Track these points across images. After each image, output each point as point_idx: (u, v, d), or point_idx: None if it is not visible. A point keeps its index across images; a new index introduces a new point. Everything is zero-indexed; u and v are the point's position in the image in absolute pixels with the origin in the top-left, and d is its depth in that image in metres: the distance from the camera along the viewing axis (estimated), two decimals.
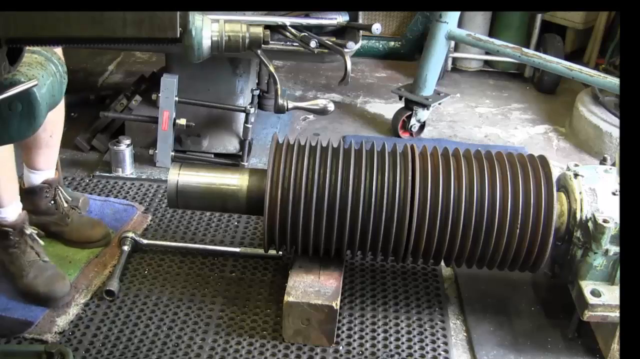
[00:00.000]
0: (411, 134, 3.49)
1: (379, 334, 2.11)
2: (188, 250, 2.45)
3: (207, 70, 2.89)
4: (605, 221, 1.91)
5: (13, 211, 2.12)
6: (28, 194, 2.31)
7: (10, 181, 2.10)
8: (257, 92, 3.03)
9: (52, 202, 2.37)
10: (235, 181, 2.09)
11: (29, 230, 2.17)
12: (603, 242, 1.92)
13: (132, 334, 2.06)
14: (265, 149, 3.11)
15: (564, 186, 2.12)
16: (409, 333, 2.13)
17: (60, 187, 2.40)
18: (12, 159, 2.07)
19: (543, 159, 2.08)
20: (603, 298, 1.94)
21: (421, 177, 2.00)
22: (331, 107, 2.41)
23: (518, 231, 1.98)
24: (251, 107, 2.88)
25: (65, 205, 2.41)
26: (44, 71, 1.23)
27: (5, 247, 2.14)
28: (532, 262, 2.05)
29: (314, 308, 2.00)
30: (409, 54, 4.53)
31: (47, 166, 2.34)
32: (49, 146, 2.30)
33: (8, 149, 2.03)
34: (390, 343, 2.08)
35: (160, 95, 2.83)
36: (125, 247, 2.38)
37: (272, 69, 2.00)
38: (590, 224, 1.95)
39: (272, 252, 2.26)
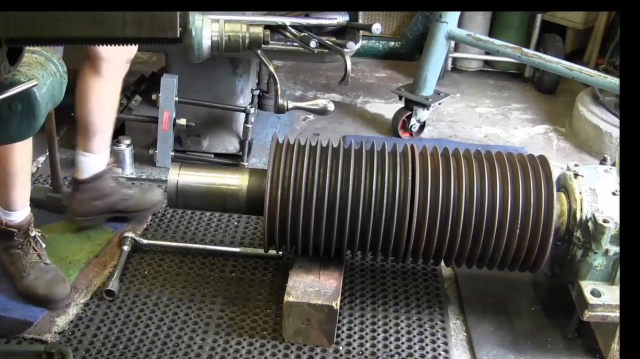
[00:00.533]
0: (411, 134, 3.49)
1: (379, 334, 2.11)
2: (188, 250, 2.45)
3: (207, 70, 2.89)
4: (605, 221, 1.91)
5: (22, 214, 2.14)
6: (91, 181, 2.41)
7: (25, 187, 2.12)
8: (257, 92, 3.03)
9: (114, 181, 2.47)
10: (235, 181, 2.09)
11: (33, 232, 2.18)
12: (603, 242, 1.92)
13: (132, 334, 2.06)
14: (265, 149, 3.10)
15: (564, 186, 2.12)
16: (409, 333, 2.13)
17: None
18: (30, 166, 2.11)
19: (543, 159, 2.08)
20: (603, 298, 1.94)
21: (421, 177, 2.00)
22: (331, 107, 2.40)
23: (518, 231, 1.98)
24: (251, 107, 2.88)
25: (124, 179, 2.56)
26: (44, 71, 1.23)
27: (7, 248, 2.15)
28: (532, 262, 2.05)
29: (314, 308, 2.00)
30: (409, 54, 4.53)
31: (106, 148, 2.46)
32: (110, 128, 2.43)
33: (28, 156, 2.07)
34: (390, 343, 2.08)
35: (160, 95, 2.83)
36: (125, 247, 2.38)
37: (272, 69, 2.00)
38: (590, 224, 1.95)
39: (272, 252, 2.25)
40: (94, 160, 2.42)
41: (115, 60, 2.27)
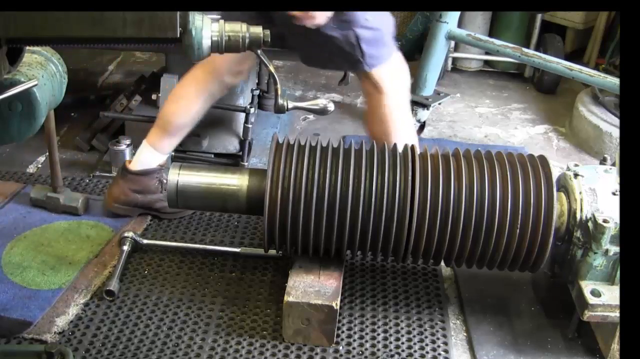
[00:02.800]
0: None
1: (379, 334, 2.11)
2: (188, 250, 2.45)
3: None
4: (605, 221, 1.91)
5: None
6: (140, 176, 2.51)
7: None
8: (257, 92, 3.02)
9: (158, 182, 2.56)
10: (235, 181, 2.09)
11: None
12: (603, 242, 1.92)
13: (132, 334, 2.06)
14: (265, 149, 3.10)
15: (564, 186, 2.12)
16: (409, 333, 2.13)
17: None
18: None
19: (543, 159, 2.08)
20: (603, 298, 1.94)
21: (421, 177, 2.00)
22: (331, 107, 2.39)
23: (518, 231, 1.98)
24: (251, 107, 2.88)
25: (165, 182, 2.61)
26: (44, 71, 1.23)
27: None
28: (532, 262, 2.05)
29: (314, 308, 2.00)
30: (409, 54, 4.50)
31: (169, 152, 2.62)
32: (183, 135, 2.59)
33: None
34: (390, 343, 2.08)
35: (160, 95, 2.83)
36: (125, 247, 2.38)
37: (272, 69, 2.00)
38: (590, 224, 1.95)
39: (272, 252, 2.26)
40: (154, 157, 2.52)
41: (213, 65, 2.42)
